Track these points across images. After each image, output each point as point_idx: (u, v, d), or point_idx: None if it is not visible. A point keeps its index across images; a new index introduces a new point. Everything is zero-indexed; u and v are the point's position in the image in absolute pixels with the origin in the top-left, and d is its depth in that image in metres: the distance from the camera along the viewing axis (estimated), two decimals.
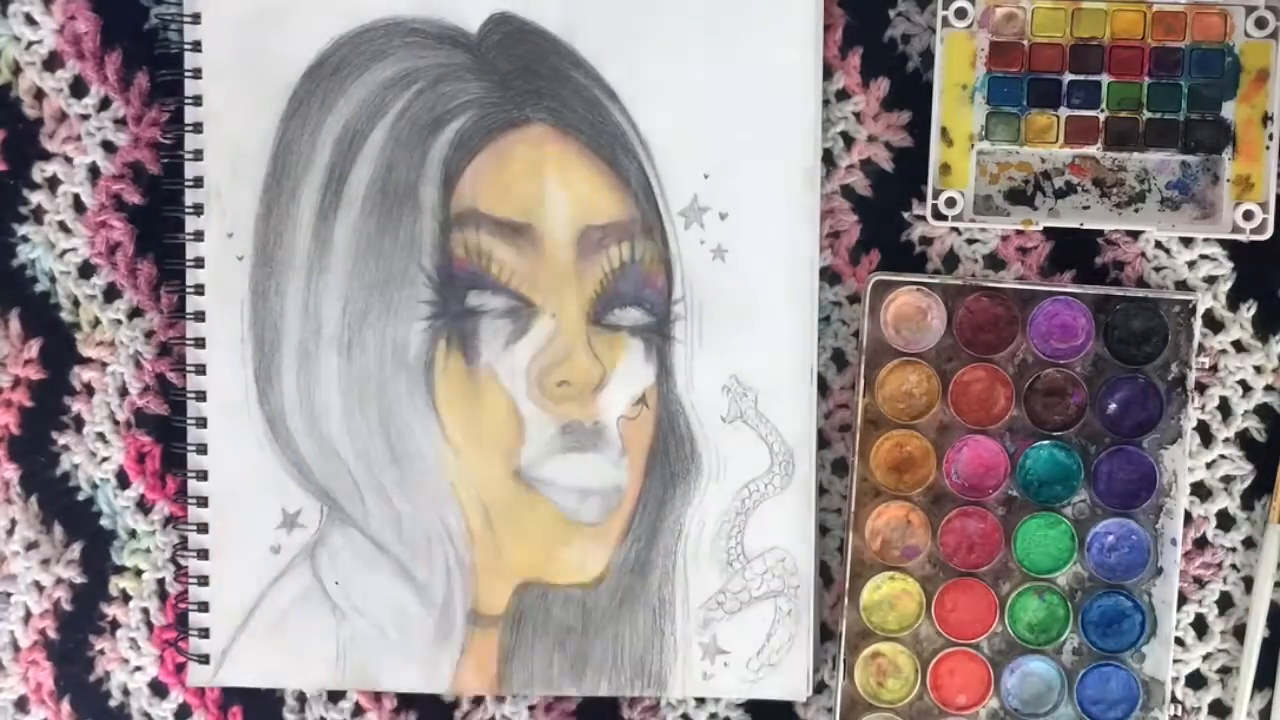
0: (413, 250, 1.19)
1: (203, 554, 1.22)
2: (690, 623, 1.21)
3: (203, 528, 1.22)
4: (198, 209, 1.20)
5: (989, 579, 1.19)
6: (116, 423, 1.23)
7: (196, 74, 1.20)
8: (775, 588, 1.20)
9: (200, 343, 1.21)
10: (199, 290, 1.20)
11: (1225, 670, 1.21)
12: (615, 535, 1.21)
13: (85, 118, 1.22)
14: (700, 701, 1.23)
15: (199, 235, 1.20)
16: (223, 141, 1.20)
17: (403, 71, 1.19)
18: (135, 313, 1.22)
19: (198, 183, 1.20)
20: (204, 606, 1.22)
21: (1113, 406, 1.18)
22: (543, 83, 1.19)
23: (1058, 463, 1.18)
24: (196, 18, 1.20)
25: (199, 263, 1.20)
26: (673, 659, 1.21)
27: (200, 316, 1.20)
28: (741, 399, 1.20)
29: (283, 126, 1.19)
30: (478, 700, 1.24)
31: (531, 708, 1.24)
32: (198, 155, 1.20)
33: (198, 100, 1.20)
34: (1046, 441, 1.18)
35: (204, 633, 1.22)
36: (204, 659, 1.22)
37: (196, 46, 1.20)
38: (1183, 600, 1.20)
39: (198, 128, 1.20)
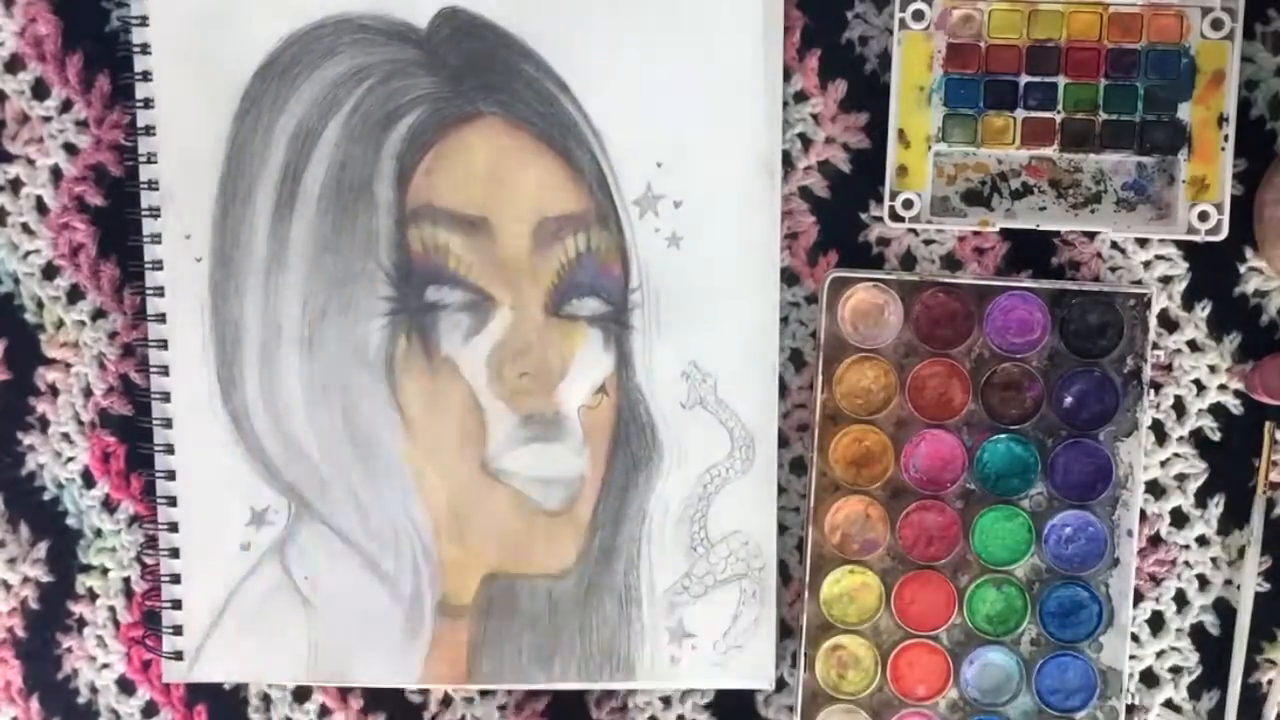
0: (370, 247, 1.17)
1: (174, 553, 1.20)
2: (656, 608, 1.19)
3: (173, 527, 1.20)
4: (154, 211, 1.18)
5: (948, 571, 1.17)
6: (81, 423, 1.21)
7: (146, 76, 1.17)
8: (739, 570, 1.18)
9: (163, 344, 1.18)
10: (159, 292, 1.18)
11: (1177, 669, 1.20)
12: (580, 524, 1.19)
13: (47, 120, 1.19)
14: (666, 702, 1.21)
15: (157, 237, 1.18)
16: (176, 144, 1.17)
17: (353, 68, 1.17)
18: (99, 314, 1.20)
19: (153, 185, 1.18)
20: (177, 604, 1.20)
21: (1069, 400, 1.16)
22: (494, 76, 1.17)
23: (1015, 456, 1.17)
24: (144, 20, 1.17)
25: (158, 265, 1.18)
26: (640, 645, 1.19)
27: (161, 318, 1.18)
28: (701, 385, 1.18)
29: (235, 127, 1.17)
30: (446, 701, 1.22)
31: (502, 708, 1.22)
32: (151, 158, 1.17)
33: (149, 103, 1.17)
34: (1004, 435, 1.16)
35: (177, 630, 1.20)
36: (178, 655, 1.20)
37: (145, 49, 1.17)
38: (1139, 598, 1.19)
39: (150, 130, 1.18)
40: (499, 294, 1.17)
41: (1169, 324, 1.18)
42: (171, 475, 1.19)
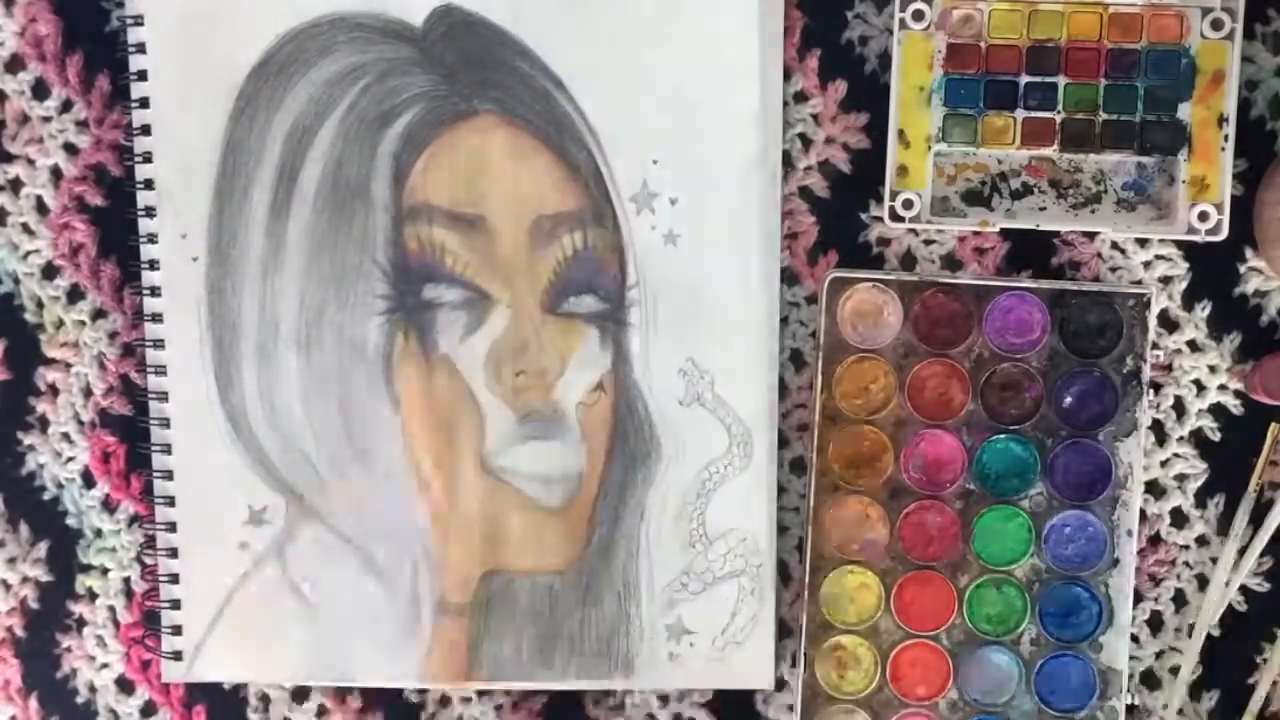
0: (366, 245, 1.17)
1: (172, 552, 1.19)
2: (655, 605, 1.19)
3: (171, 526, 1.19)
4: (150, 211, 1.17)
5: (947, 571, 1.17)
6: (81, 423, 1.20)
7: (142, 76, 1.17)
8: (738, 567, 1.18)
9: (159, 344, 1.18)
10: (155, 292, 1.18)
11: (1177, 669, 1.19)
12: (579, 521, 1.18)
13: (47, 120, 1.19)
14: (664, 700, 1.21)
15: (153, 238, 1.17)
16: (172, 143, 1.17)
17: (349, 67, 1.16)
18: (99, 314, 1.20)
19: (149, 185, 1.17)
20: (176, 604, 1.20)
21: (1069, 400, 1.16)
22: (489, 73, 1.16)
23: (1015, 456, 1.16)
24: (139, 19, 1.17)
25: (154, 265, 1.18)
26: (639, 642, 1.19)
27: (158, 318, 1.18)
28: (698, 382, 1.17)
29: (231, 126, 1.17)
30: (444, 701, 1.22)
31: (499, 708, 1.21)
32: (147, 158, 1.17)
33: (145, 102, 1.17)
34: (1003, 435, 1.16)
35: (177, 630, 1.20)
36: (177, 655, 1.20)
37: (141, 48, 1.17)
38: (1138, 598, 1.18)
39: (146, 130, 1.17)
40: (496, 292, 1.17)
41: (1169, 324, 1.17)
42: (169, 475, 1.19)
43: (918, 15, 1.14)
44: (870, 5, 1.16)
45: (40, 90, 1.19)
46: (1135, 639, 1.18)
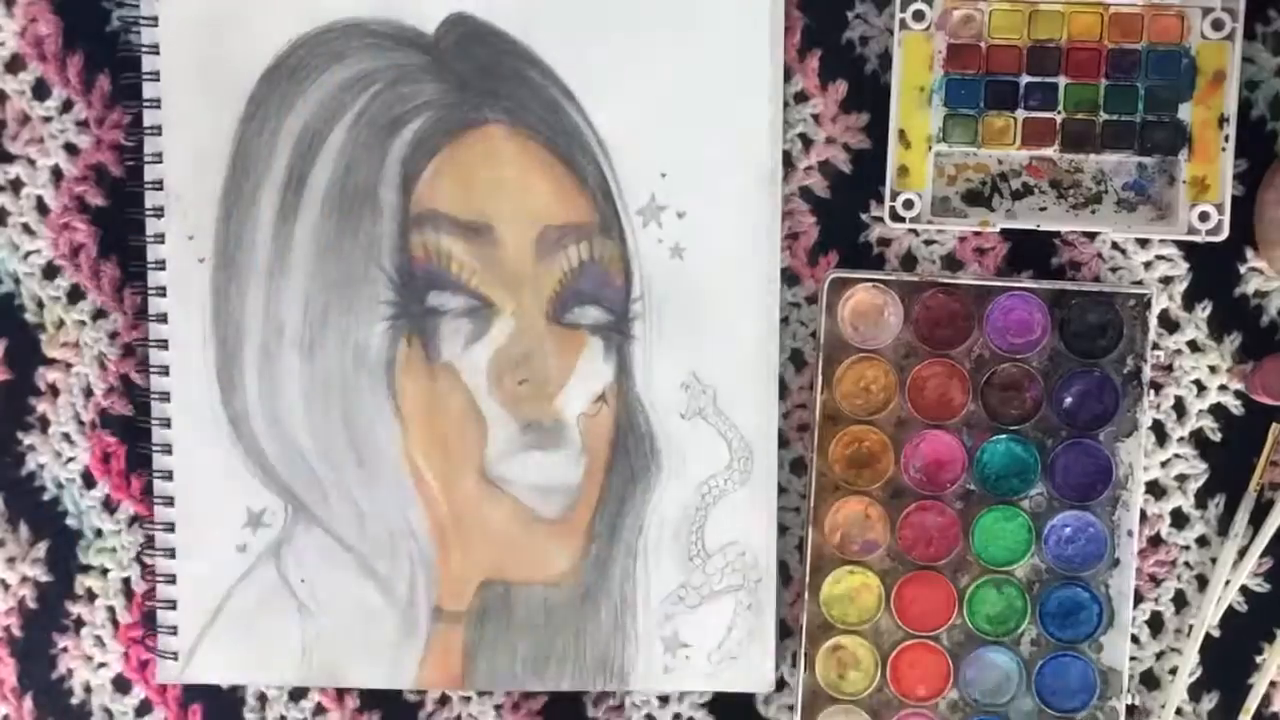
0: (372, 251, 1.17)
1: (170, 553, 1.19)
2: (651, 617, 1.19)
3: (169, 527, 1.19)
4: (158, 211, 1.17)
5: (948, 572, 1.17)
6: (82, 423, 1.20)
7: (155, 76, 1.17)
8: (735, 582, 1.18)
9: (163, 344, 1.18)
10: (161, 292, 1.18)
11: (1178, 670, 1.20)
12: (577, 532, 1.18)
13: (48, 120, 1.19)
14: (664, 701, 1.21)
15: (160, 238, 1.17)
16: (182, 144, 1.17)
17: (360, 73, 1.16)
18: (99, 314, 1.20)
19: (158, 185, 1.17)
20: (172, 604, 1.20)
21: (1069, 400, 1.16)
22: (500, 83, 1.16)
23: (1015, 456, 1.16)
24: (154, 20, 1.17)
25: (160, 265, 1.18)
26: (634, 654, 1.19)
27: (163, 318, 1.18)
28: (700, 396, 1.17)
29: (242, 129, 1.16)
30: (443, 700, 1.22)
31: (498, 707, 1.21)
32: (157, 158, 1.17)
33: (156, 103, 1.17)
34: (1004, 435, 1.16)
35: (172, 630, 1.20)
36: (172, 656, 1.20)
37: (154, 49, 1.17)
38: (1139, 599, 1.18)
39: (157, 130, 1.17)
40: (501, 301, 1.17)
41: (1169, 324, 1.17)
42: (169, 475, 1.19)
43: (918, 15, 1.14)
44: (870, 5, 1.16)
45: (41, 90, 1.19)
46: (1135, 639, 1.18)
